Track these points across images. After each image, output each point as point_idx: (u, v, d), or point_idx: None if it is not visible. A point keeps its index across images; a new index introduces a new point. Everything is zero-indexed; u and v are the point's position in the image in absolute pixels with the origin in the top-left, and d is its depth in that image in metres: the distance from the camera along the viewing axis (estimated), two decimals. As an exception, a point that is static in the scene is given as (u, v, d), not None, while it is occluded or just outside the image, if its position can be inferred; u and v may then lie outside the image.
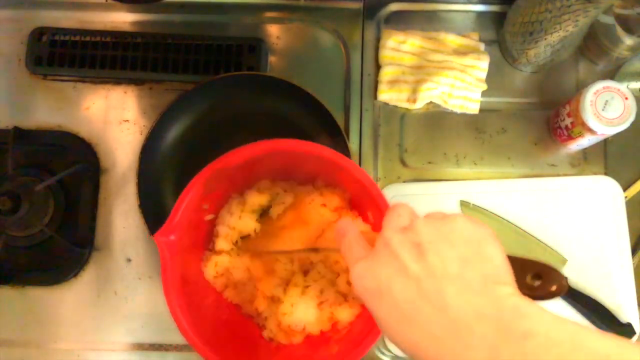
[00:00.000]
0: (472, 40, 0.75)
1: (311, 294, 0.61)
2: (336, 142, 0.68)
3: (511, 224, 0.70)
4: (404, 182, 0.72)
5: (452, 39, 0.75)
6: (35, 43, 0.74)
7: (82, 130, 0.74)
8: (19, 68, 0.75)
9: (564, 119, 0.68)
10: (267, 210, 0.63)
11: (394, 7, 0.77)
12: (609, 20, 0.67)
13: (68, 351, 0.70)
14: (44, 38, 0.75)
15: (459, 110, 0.74)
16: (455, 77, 0.73)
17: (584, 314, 0.67)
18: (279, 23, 0.77)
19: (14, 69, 0.75)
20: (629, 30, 0.66)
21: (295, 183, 0.65)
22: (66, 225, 0.71)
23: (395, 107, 0.74)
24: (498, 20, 0.76)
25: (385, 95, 0.74)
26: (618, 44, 0.68)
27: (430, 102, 0.74)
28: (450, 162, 0.73)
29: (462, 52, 0.74)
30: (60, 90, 0.75)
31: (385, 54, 0.74)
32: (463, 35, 0.76)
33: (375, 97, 0.74)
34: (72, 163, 0.71)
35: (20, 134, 0.71)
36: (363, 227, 0.61)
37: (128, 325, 0.70)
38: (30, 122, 0.74)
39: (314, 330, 0.61)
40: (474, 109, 0.74)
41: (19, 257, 0.71)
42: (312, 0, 0.77)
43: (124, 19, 0.77)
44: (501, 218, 0.70)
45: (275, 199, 0.63)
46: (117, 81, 0.75)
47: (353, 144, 0.73)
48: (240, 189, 0.64)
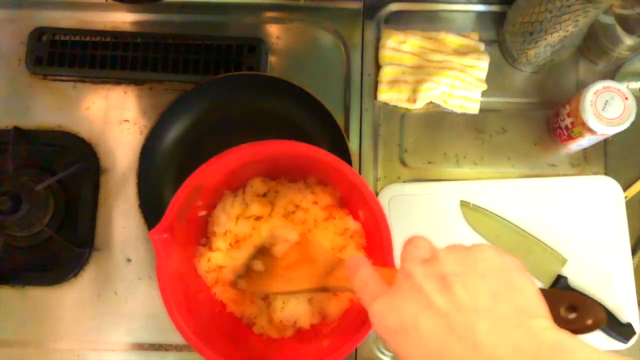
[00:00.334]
0: (472, 40, 0.75)
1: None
2: (336, 142, 0.68)
3: (511, 224, 0.70)
4: (404, 182, 0.72)
5: (452, 39, 0.75)
6: (35, 43, 0.74)
7: (82, 130, 0.74)
8: (19, 68, 0.75)
9: (564, 119, 0.68)
10: (270, 248, 0.61)
11: (394, 7, 0.77)
12: (609, 20, 0.67)
13: (68, 351, 0.70)
14: (44, 38, 0.75)
15: (459, 110, 0.74)
16: (455, 77, 0.73)
17: (584, 314, 0.67)
18: (279, 23, 0.77)
19: (14, 69, 0.75)
20: (629, 30, 0.66)
21: (287, 180, 0.65)
22: (66, 225, 0.71)
23: (395, 107, 0.74)
24: (498, 20, 0.76)
25: (385, 95, 0.74)
26: (618, 44, 0.68)
27: (430, 102, 0.74)
28: (450, 162, 0.73)
29: (462, 52, 0.74)
30: (60, 90, 0.75)
31: (385, 54, 0.74)
32: (463, 35, 0.76)
33: (375, 97, 0.74)
34: (72, 163, 0.71)
35: (20, 134, 0.71)
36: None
37: (128, 325, 0.70)
38: (30, 122, 0.74)
39: (305, 324, 0.61)
40: (474, 109, 0.74)
41: (19, 257, 0.71)
42: (312, 0, 0.77)
43: (124, 19, 0.77)
44: (501, 218, 0.70)
45: (278, 237, 0.61)
46: (117, 81, 0.75)
47: (353, 144, 0.73)
48: (232, 185, 0.64)
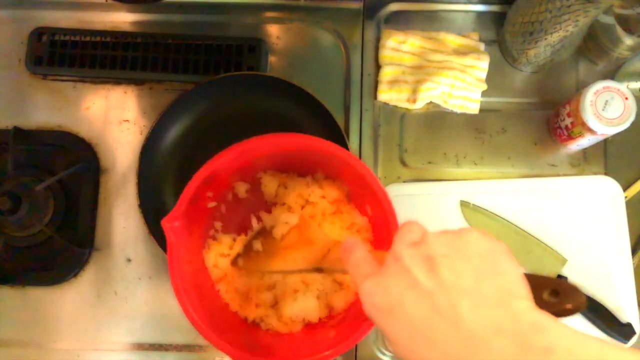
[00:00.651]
0: (472, 40, 0.75)
1: (312, 288, 0.62)
2: (336, 142, 0.68)
3: (511, 224, 0.70)
4: (404, 182, 0.72)
5: (452, 39, 0.75)
6: (35, 43, 0.74)
7: (82, 130, 0.74)
8: (19, 68, 0.75)
9: (564, 119, 0.68)
10: (270, 230, 0.62)
11: (394, 7, 0.77)
12: (609, 20, 0.67)
13: (68, 351, 0.70)
14: (44, 38, 0.75)
15: (459, 110, 0.74)
16: (455, 77, 0.73)
17: (584, 314, 0.67)
18: (279, 23, 0.77)
19: (14, 69, 0.75)
20: (629, 30, 0.66)
21: (295, 175, 0.65)
22: (66, 225, 0.71)
23: (395, 107, 0.74)
24: (498, 20, 0.76)
25: (385, 95, 0.74)
26: (618, 44, 0.68)
27: (430, 102, 0.74)
28: (450, 162, 0.73)
29: (462, 52, 0.74)
30: (60, 90, 0.75)
31: (385, 54, 0.74)
32: (463, 35, 0.76)
33: (375, 97, 0.74)
34: (72, 163, 0.71)
35: (20, 134, 0.71)
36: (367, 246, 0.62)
37: (128, 325, 0.70)
38: (30, 122, 0.74)
39: (313, 318, 0.62)
40: (474, 109, 0.74)
41: (19, 257, 0.71)
42: (312, 0, 0.77)
43: (124, 19, 0.77)
44: (501, 218, 0.70)
45: (278, 219, 0.63)
46: (117, 81, 0.75)
47: (353, 144, 0.73)
48: (243, 177, 0.64)
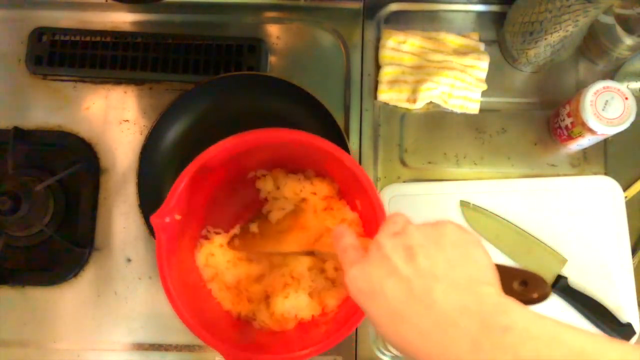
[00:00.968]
0: (472, 40, 0.75)
1: (303, 285, 0.62)
2: (336, 142, 0.68)
3: (511, 224, 0.70)
4: (404, 182, 0.72)
5: (452, 39, 0.75)
6: (35, 43, 0.74)
7: (82, 130, 0.74)
8: (19, 68, 0.75)
9: (564, 119, 0.68)
10: (266, 214, 0.64)
11: (394, 7, 0.77)
12: (609, 20, 0.67)
13: (68, 351, 0.70)
14: (44, 38, 0.75)
15: (459, 110, 0.74)
16: (455, 77, 0.73)
17: (584, 314, 0.67)
18: (279, 23, 0.77)
19: (14, 69, 0.75)
20: (629, 30, 0.66)
21: (287, 172, 0.66)
22: (66, 225, 0.71)
23: (395, 107, 0.74)
24: (498, 20, 0.76)
25: (385, 95, 0.74)
26: (618, 44, 0.68)
27: (430, 102, 0.74)
28: (450, 162, 0.73)
29: (462, 52, 0.74)
30: (60, 90, 0.75)
31: (385, 54, 0.74)
32: (463, 35, 0.76)
33: (375, 97, 0.74)
34: (72, 163, 0.71)
35: (20, 134, 0.71)
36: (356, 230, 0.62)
37: (128, 325, 0.70)
38: (30, 122, 0.74)
39: (306, 316, 0.62)
40: (474, 109, 0.74)
41: (19, 257, 0.71)
42: (312, 0, 0.77)
43: (124, 19, 0.77)
44: (501, 218, 0.70)
45: (274, 204, 0.64)
46: (117, 81, 0.75)
47: (353, 144, 0.73)
48: (234, 176, 0.64)
